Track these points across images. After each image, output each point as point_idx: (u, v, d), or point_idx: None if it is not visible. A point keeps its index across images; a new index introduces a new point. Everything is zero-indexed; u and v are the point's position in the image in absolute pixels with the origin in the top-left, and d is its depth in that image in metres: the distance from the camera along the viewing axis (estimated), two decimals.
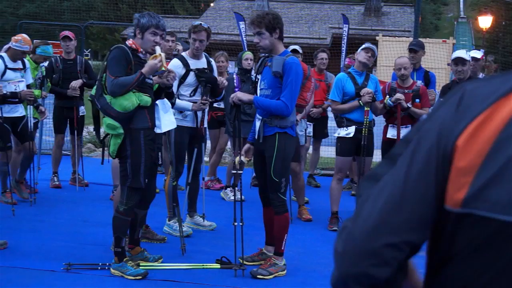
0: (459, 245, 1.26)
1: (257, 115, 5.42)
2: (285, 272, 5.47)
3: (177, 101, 6.24)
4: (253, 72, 8.56)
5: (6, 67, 7.23)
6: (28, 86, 7.53)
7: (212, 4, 31.33)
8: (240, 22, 16.87)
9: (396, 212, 1.25)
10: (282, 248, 5.47)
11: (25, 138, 7.57)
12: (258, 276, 5.33)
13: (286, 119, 5.25)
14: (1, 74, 7.17)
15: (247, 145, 5.62)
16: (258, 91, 5.45)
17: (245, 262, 5.53)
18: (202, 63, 6.51)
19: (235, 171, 5.54)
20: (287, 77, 5.10)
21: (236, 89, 8.07)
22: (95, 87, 5.18)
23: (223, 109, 8.52)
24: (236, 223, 5.41)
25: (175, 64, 6.32)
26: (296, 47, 7.80)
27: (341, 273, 1.29)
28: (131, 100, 5.00)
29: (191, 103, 6.33)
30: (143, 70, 5.04)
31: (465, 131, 1.23)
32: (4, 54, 7.36)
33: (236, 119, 5.48)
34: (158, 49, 5.17)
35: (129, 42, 5.22)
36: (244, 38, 16.35)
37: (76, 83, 8.35)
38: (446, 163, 1.25)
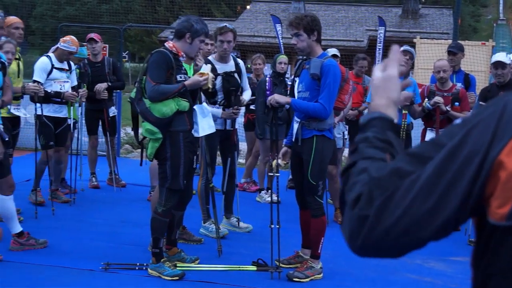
0: (503, 260, 1.24)
1: (295, 118, 5.42)
2: (321, 275, 5.46)
3: (205, 105, 6.29)
4: (288, 75, 8.58)
5: (53, 67, 7.37)
6: (73, 88, 7.65)
7: (248, 7, 31.40)
8: (277, 25, 16.92)
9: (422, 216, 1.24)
10: (319, 251, 5.45)
11: (61, 142, 7.67)
12: (295, 279, 5.32)
13: (324, 121, 5.23)
14: (47, 73, 7.29)
15: (284, 148, 5.64)
16: (296, 94, 5.44)
17: (281, 265, 5.54)
18: (229, 67, 6.51)
19: (271, 174, 5.53)
20: (325, 79, 5.08)
21: (268, 92, 8.08)
22: (134, 89, 5.23)
23: None
24: (272, 226, 5.41)
25: (207, 68, 6.35)
26: (335, 51, 7.77)
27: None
28: (170, 106, 5.05)
29: (221, 111, 6.36)
30: (187, 84, 5.12)
31: (508, 145, 1.19)
32: (51, 54, 7.51)
33: (272, 122, 5.47)
34: (206, 68, 5.28)
35: (170, 45, 5.24)
36: (281, 40, 16.39)
37: (100, 87, 8.39)
38: (483, 177, 1.21)
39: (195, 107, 5.43)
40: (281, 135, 8.48)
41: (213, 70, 6.32)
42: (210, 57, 6.57)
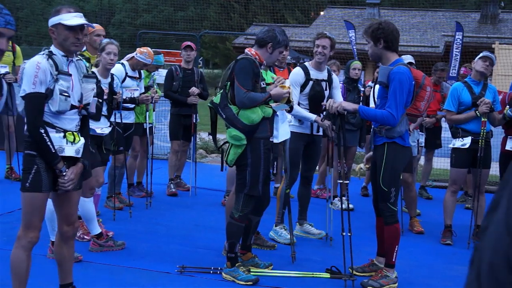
0: None
1: (373, 126, 5.45)
2: (396, 285, 5.37)
3: (298, 108, 6.31)
4: (370, 84, 8.51)
5: (126, 74, 7.56)
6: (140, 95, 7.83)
7: (322, 13, 31.30)
8: (350, 31, 16.79)
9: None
10: (393, 260, 5.36)
11: (126, 146, 7.82)
12: None
13: (393, 129, 5.19)
14: (121, 80, 7.47)
15: (369, 153, 5.68)
16: (371, 101, 5.46)
17: (355, 273, 5.49)
18: (323, 75, 6.54)
19: (340, 181, 5.50)
20: (391, 86, 5.08)
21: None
22: (218, 95, 5.29)
23: None
24: (344, 233, 5.36)
25: (296, 72, 6.41)
26: (410, 58, 7.63)
27: None
28: (258, 113, 5.11)
29: (315, 115, 6.37)
30: (272, 94, 5.21)
31: None
32: (125, 62, 7.69)
33: (340, 128, 5.46)
34: (287, 82, 5.36)
35: (252, 52, 5.30)
36: (354, 47, 16.25)
37: (194, 90, 8.58)
38: None
39: (277, 113, 5.49)
40: (354, 141, 8.44)
41: (307, 74, 6.38)
42: (306, 63, 6.62)
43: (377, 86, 5.51)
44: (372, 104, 7.10)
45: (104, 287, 4.99)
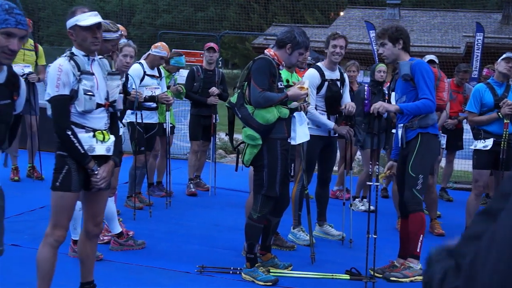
0: None
1: (398, 124, 5.44)
2: (421, 277, 5.30)
3: (316, 114, 6.31)
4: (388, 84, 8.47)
5: (145, 73, 7.57)
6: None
7: (342, 13, 31.20)
8: (371, 31, 16.72)
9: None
10: (418, 250, 5.37)
11: (148, 147, 7.83)
12: (392, 278, 5.31)
13: (428, 117, 5.28)
14: (140, 79, 7.49)
15: (390, 163, 5.71)
16: (394, 102, 5.46)
17: (375, 274, 5.47)
18: (335, 75, 6.53)
19: (370, 183, 5.46)
20: (418, 76, 5.19)
21: (366, 101, 8.02)
22: (235, 95, 5.31)
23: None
24: (369, 235, 5.33)
25: (312, 74, 6.39)
26: (432, 57, 7.60)
27: None
28: (273, 113, 5.11)
29: (333, 123, 6.38)
30: (289, 94, 5.21)
31: None
32: (143, 61, 7.71)
33: (379, 130, 5.45)
34: (306, 82, 5.36)
35: (271, 52, 5.30)
36: (375, 47, 16.18)
37: (214, 90, 8.61)
38: None
39: (294, 114, 5.47)
40: (380, 144, 8.40)
41: (322, 75, 6.37)
42: (319, 64, 6.60)
43: (393, 93, 5.52)
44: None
45: (124, 286, 5.02)
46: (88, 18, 4.01)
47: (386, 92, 8.26)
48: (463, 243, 1.23)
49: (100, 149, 4.12)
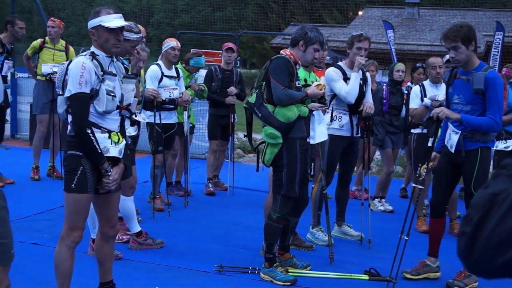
0: None
1: (453, 128, 5.28)
2: (477, 283, 5.40)
3: (347, 85, 6.28)
4: (409, 84, 8.41)
5: (162, 74, 7.57)
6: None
7: (360, 13, 31.08)
8: (388, 31, 16.61)
9: None
10: None
11: (168, 146, 7.83)
12: None
13: (490, 134, 5.16)
14: (158, 80, 7.50)
15: (434, 153, 5.60)
16: (450, 105, 5.32)
17: (410, 276, 5.53)
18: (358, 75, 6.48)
19: (415, 185, 5.40)
20: (491, 93, 4.96)
21: (384, 101, 7.97)
22: (254, 94, 5.30)
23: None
24: (402, 236, 5.28)
25: (335, 70, 6.36)
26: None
27: None
28: (293, 111, 5.10)
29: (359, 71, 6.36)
30: (308, 92, 5.20)
31: None
32: (160, 62, 7.70)
33: (434, 134, 5.36)
34: (323, 80, 5.34)
35: (287, 52, 5.29)
36: (393, 47, 16.09)
37: (232, 89, 8.62)
38: None
39: (314, 113, 5.46)
40: (399, 143, 8.37)
41: (344, 74, 6.33)
42: (340, 63, 6.57)
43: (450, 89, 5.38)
44: (413, 106, 7.03)
45: (143, 285, 5.03)
46: (113, 20, 4.01)
47: (405, 91, 8.23)
48: (485, 195, 1.35)
49: (114, 151, 4.11)
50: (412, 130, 7.48)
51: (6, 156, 7.10)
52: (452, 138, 5.31)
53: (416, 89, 7.16)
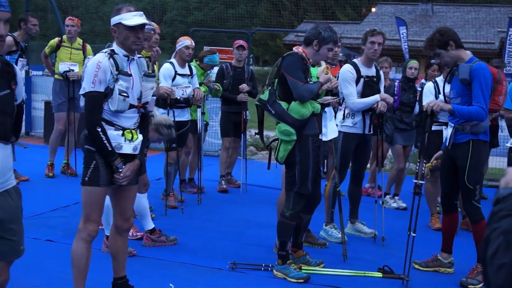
0: None
1: (450, 122, 5.38)
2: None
3: (359, 100, 6.28)
4: (423, 81, 8.38)
5: (176, 73, 7.57)
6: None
7: (373, 9, 30.96)
8: (401, 27, 16.53)
9: None
10: None
11: (180, 143, 7.81)
12: (470, 287, 5.30)
13: (480, 125, 5.17)
14: (171, 78, 7.50)
15: (439, 152, 5.65)
16: (449, 100, 5.36)
17: (419, 267, 5.60)
18: (371, 72, 6.47)
19: (416, 181, 5.39)
20: (475, 82, 5.03)
21: (396, 97, 7.95)
22: (266, 92, 5.30)
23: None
24: (410, 232, 5.25)
25: (348, 69, 6.34)
26: (468, 53, 7.49)
27: None
28: (308, 108, 5.10)
29: (378, 95, 6.34)
30: (321, 81, 5.21)
31: None
32: (173, 60, 7.70)
33: (429, 128, 5.35)
34: (323, 62, 5.33)
35: (299, 49, 5.28)
36: (405, 44, 16.01)
37: (244, 86, 8.63)
38: None
39: (326, 110, 5.44)
40: (410, 140, 8.34)
41: (357, 72, 6.31)
42: (355, 60, 6.55)
43: (448, 86, 5.41)
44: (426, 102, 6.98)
45: (156, 282, 5.05)
46: (133, 18, 4.03)
47: (419, 88, 8.19)
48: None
49: (127, 148, 4.15)
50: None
51: (20, 153, 7.12)
52: (448, 132, 5.39)
53: (429, 85, 7.15)
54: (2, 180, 3.20)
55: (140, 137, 4.24)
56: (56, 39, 9.13)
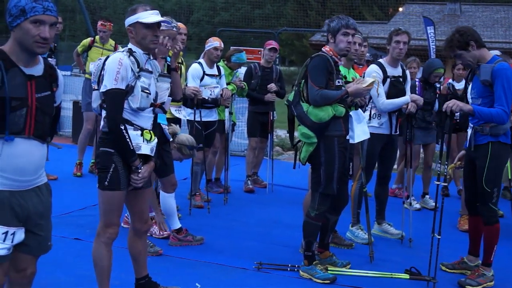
0: None
1: (470, 124, 5.32)
2: (493, 283, 5.32)
3: (388, 101, 6.27)
4: (451, 81, 8.29)
5: (204, 73, 7.59)
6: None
7: (401, 9, 30.70)
8: (429, 27, 16.34)
9: None
10: (491, 259, 5.31)
11: (208, 144, 7.84)
12: (467, 287, 5.24)
13: (499, 126, 5.09)
14: (200, 79, 7.52)
15: (462, 152, 5.60)
16: (470, 100, 5.29)
17: (445, 268, 5.56)
18: (397, 71, 6.42)
19: (437, 182, 5.33)
20: (498, 84, 4.93)
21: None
22: (293, 92, 5.30)
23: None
24: (434, 234, 5.20)
25: (375, 69, 6.31)
26: (497, 53, 7.39)
27: None
28: (327, 111, 5.06)
29: (408, 96, 6.32)
30: (349, 91, 5.14)
31: None
32: (202, 61, 7.72)
33: (449, 129, 5.30)
34: (369, 79, 5.29)
35: (326, 48, 5.26)
36: (433, 44, 15.82)
37: (272, 86, 8.63)
38: None
39: (351, 113, 5.40)
40: (432, 138, 8.29)
41: (384, 72, 6.28)
42: (381, 60, 6.51)
43: (469, 85, 5.34)
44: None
45: (182, 281, 5.05)
46: (150, 16, 4.05)
47: (438, 85, 8.15)
48: None
49: (145, 149, 4.14)
50: None
51: (49, 152, 7.19)
52: (468, 133, 5.33)
53: None
54: (35, 177, 3.23)
55: (156, 139, 4.25)
56: (89, 39, 9.25)
